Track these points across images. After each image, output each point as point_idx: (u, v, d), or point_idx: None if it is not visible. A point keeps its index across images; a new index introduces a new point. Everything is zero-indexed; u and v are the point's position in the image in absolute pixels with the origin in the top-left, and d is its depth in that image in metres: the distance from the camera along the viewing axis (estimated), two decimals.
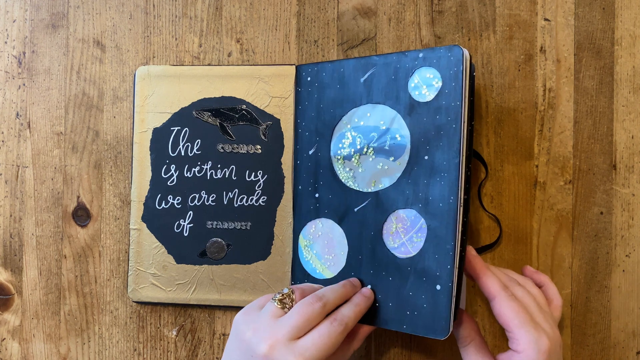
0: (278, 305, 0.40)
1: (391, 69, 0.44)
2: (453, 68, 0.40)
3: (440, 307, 0.40)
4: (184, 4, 0.51)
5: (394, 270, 0.43)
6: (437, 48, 0.41)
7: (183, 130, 0.50)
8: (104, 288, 0.51)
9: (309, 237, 0.48)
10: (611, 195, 0.49)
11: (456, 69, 0.40)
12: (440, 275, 0.40)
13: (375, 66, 0.44)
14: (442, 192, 0.41)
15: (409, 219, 0.43)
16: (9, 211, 0.52)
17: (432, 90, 0.42)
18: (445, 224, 0.40)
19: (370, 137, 0.45)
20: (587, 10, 0.50)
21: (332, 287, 0.42)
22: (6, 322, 0.51)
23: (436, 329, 0.40)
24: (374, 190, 0.44)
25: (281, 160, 0.50)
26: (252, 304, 0.42)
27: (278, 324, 0.38)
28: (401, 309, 0.42)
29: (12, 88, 0.52)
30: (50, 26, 0.52)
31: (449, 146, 0.41)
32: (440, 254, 0.40)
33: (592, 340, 0.49)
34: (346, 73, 0.46)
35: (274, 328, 0.38)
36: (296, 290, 0.41)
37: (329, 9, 0.51)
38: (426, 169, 0.42)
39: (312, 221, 0.48)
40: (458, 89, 0.40)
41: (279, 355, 0.37)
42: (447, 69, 0.41)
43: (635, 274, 0.49)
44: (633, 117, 0.49)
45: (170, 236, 0.50)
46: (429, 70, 0.42)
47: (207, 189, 0.50)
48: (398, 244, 0.43)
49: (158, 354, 0.51)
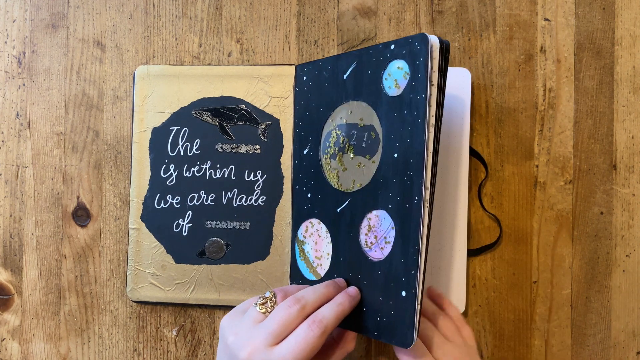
0: (260, 309, 0.39)
1: (369, 63, 0.42)
2: (419, 58, 0.38)
3: (404, 315, 0.38)
4: (184, 4, 0.51)
5: (367, 274, 0.41)
6: (407, 37, 0.39)
7: (182, 130, 0.50)
8: (104, 288, 0.51)
9: (303, 237, 0.48)
10: (611, 195, 0.49)
11: (422, 59, 0.38)
12: (406, 280, 0.38)
13: (355, 61, 0.43)
14: (408, 192, 0.39)
15: (381, 220, 0.41)
16: (9, 211, 0.52)
17: (402, 83, 0.39)
18: (409, 225, 0.38)
19: (351, 134, 0.43)
20: (588, 10, 0.50)
21: (314, 287, 0.41)
22: (6, 322, 0.51)
23: (401, 337, 0.38)
24: (354, 190, 0.43)
25: (280, 160, 0.50)
26: (237, 308, 0.41)
27: (257, 329, 0.38)
28: (374, 315, 0.40)
29: (12, 88, 0.52)
30: (50, 26, 0.52)
31: (414, 143, 0.38)
32: (406, 258, 0.38)
33: (592, 340, 0.49)
34: (332, 70, 0.45)
35: (253, 334, 0.37)
36: (278, 293, 0.40)
37: (329, 9, 0.51)
38: (395, 167, 0.40)
39: (306, 221, 0.47)
40: (423, 80, 0.38)
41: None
42: (414, 59, 0.38)
43: (635, 274, 0.49)
44: (633, 117, 0.49)
45: (169, 236, 0.50)
46: (399, 62, 0.40)
47: (206, 188, 0.50)
48: (372, 246, 0.41)
49: (158, 354, 0.51)
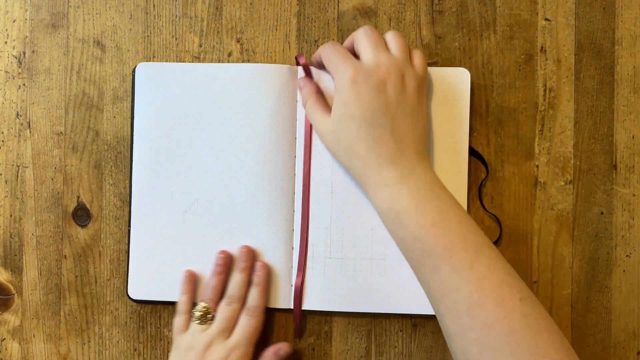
0: (201, 322, 0.46)
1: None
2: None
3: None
4: (184, 3, 0.51)
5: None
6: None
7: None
8: (104, 288, 0.51)
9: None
10: (612, 195, 0.49)
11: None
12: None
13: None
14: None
15: None
16: (9, 211, 0.52)
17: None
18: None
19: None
20: (588, 10, 0.50)
21: (236, 280, 0.47)
22: (6, 322, 0.51)
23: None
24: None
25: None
26: (177, 344, 0.47)
27: (210, 333, 0.46)
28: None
29: (12, 88, 0.52)
30: (50, 26, 0.52)
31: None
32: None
33: (592, 340, 0.49)
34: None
35: (207, 338, 0.45)
36: (208, 302, 0.47)
37: (329, 9, 0.51)
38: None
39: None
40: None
41: (217, 355, 0.45)
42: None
43: (635, 274, 0.49)
44: (633, 117, 0.49)
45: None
46: None
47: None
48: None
49: (158, 354, 0.51)
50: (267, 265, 0.48)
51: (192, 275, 0.49)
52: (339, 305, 0.48)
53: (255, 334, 0.46)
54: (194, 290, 0.49)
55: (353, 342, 0.50)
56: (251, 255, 0.48)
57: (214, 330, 0.46)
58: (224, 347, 0.45)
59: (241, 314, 0.47)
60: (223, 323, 0.46)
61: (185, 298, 0.48)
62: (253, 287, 0.47)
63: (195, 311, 0.46)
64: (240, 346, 0.45)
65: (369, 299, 0.48)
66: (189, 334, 0.46)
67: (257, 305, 0.47)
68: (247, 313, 0.46)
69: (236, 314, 0.46)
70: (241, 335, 0.46)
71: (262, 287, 0.47)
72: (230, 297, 0.47)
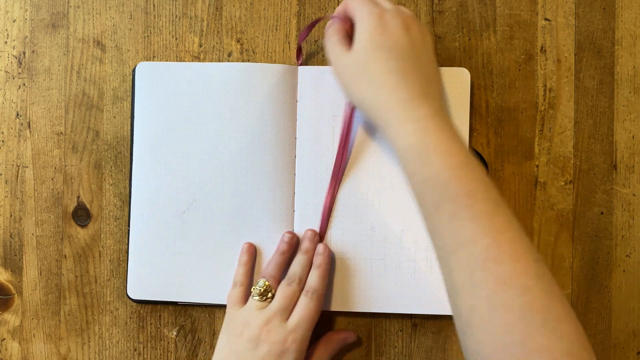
0: (260, 299, 0.45)
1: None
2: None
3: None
4: (184, 3, 0.51)
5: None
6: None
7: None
8: (104, 288, 0.51)
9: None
10: (612, 195, 0.49)
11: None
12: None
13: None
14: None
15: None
16: (9, 211, 0.52)
17: None
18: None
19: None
20: (588, 10, 0.50)
21: (299, 261, 0.46)
22: (6, 322, 0.51)
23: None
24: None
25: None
26: (230, 304, 0.46)
27: (267, 312, 0.44)
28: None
29: (12, 88, 0.52)
30: (50, 26, 0.52)
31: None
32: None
33: (592, 340, 0.49)
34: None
35: (265, 316, 0.43)
36: (270, 279, 0.45)
37: (329, 9, 0.51)
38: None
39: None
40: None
41: (275, 336, 0.42)
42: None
43: (635, 274, 0.49)
44: (634, 117, 0.49)
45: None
46: None
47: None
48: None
49: (158, 354, 0.51)
50: (329, 249, 0.47)
51: (252, 247, 0.48)
52: (339, 305, 0.48)
53: (314, 318, 0.44)
54: (253, 262, 0.48)
55: (353, 342, 0.50)
56: (316, 239, 0.47)
57: (273, 309, 0.44)
58: (283, 329, 0.43)
59: (300, 296, 0.45)
60: (283, 302, 0.44)
61: (243, 270, 0.47)
62: (314, 270, 0.46)
63: (256, 287, 0.45)
64: (299, 329, 0.43)
65: (369, 299, 0.48)
66: (246, 310, 0.45)
67: (317, 289, 0.45)
68: (307, 295, 0.45)
69: (296, 295, 0.45)
70: (300, 317, 0.44)
71: (323, 270, 0.46)
72: (291, 277, 0.45)
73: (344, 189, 0.48)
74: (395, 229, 0.48)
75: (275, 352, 0.42)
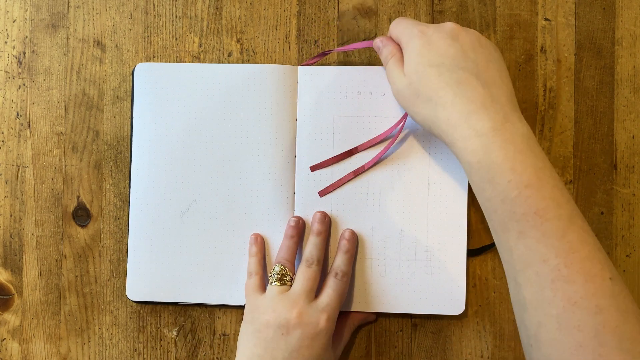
0: (280, 284, 0.44)
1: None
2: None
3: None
4: (184, 3, 0.51)
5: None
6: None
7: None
8: (104, 288, 0.51)
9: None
10: (612, 195, 0.49)
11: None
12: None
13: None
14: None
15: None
16: (9, 211, 0.52)
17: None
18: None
19: None
20: (588, 10, 0.50)
21: (313, 242, 0.46)
22: (6, 322, 0.51)
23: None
24: None
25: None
26: (249, 293, 0.46)
27: (292, 295, 0.43)
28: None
29: (12, 88, 0.52)
30: (50, 26, 0.52)
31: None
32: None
33: None
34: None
35: (291, 300, 0.43)
36: (285, 263, 0.46)
37: (329, 9, 0.51)
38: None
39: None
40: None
41: (307, 318, 0.42)
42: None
43: (635, 274, 0.49)
44: (634, 117, 0.49)
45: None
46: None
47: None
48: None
49: (158, 354, 0.51)
50: (356, 235, 0.48)
51: (260, 237, 0.48)
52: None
53: (342, 299, 0.45)
54: (263, 252, 0.48)
55: (353, 342, 0.50)
56: (327, 220, 0.47)
57: (298, 291, 0.43)
58: (314, 310, 0.43)
59: (322, 277, 0.45)
60: (306, 284, 0.44)
61: (255, 259, 0.47)
62: (341, 254, 0.46)
63: (274, 273, 0.45)
64: (329, 309, 0.43)
65: (369, 299, 0.48)
66: (268, 297, 0.44)
67: (346, 271, 0.45)
68: (337, 277, 0.45)
69: (317, 276, 0.45)
70: (330, 298, 0.44)
71: (351, 254, 0.46)
72: (309, 260, 0.45)
73: (344, 188, 0.48)
74: (395, 229, 0.48)
75: (309, 334, 0.42)
